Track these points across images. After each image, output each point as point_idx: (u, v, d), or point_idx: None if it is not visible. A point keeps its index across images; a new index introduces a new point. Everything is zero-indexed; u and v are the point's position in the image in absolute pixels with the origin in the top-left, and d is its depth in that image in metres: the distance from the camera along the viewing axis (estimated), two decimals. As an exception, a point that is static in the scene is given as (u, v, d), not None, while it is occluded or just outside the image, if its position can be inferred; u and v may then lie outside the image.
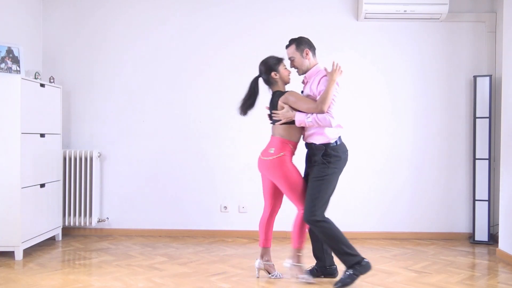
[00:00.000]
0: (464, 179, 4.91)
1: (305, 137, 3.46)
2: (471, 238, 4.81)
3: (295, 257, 3.44)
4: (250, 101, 3.53)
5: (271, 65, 3.46)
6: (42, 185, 4.35)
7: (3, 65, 4.07)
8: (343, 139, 3.45)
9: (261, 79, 3.53)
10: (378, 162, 4.93)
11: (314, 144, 3.37)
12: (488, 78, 4.69)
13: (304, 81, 3.54)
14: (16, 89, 3.96)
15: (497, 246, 4.28)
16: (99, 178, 4.98)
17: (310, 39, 3.50)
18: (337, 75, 3.29)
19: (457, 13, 4.85)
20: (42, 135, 4.35)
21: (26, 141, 4.08)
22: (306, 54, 3.43)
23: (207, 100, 4.99)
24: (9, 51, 4.12)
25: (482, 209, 4.70)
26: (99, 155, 4.95)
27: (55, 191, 4.60)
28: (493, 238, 4.71)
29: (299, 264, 3.44)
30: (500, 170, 4.28)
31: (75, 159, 4.89)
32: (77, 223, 4.89)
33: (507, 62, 4.19)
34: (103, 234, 5.00)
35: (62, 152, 4.80)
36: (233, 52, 4.97)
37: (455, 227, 4.93)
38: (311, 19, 4.91)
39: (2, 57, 4.07)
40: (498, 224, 4.34)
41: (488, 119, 4.68)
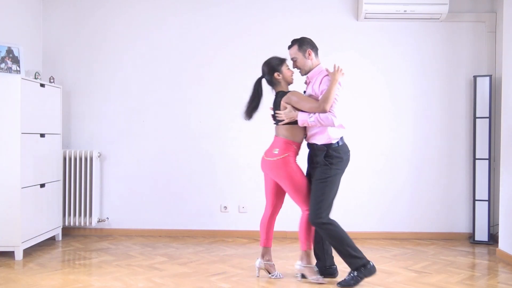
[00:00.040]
0: (464, 179, 4.92)
1: (307, 137, 3.46)
2: (471, 238, 4.81)
3: (304, 258, 3.43)
4: (254, 103, 3.51)
5: (274, 65, 3.45)
6: (42, 185, 4.35)
7: (3, 65, 4.07)
8: (345, 139, 3.45)
9: (264, 80, 3.53)
10: (378, 162, 4.93)
11: (316, 144, 3.37)
12: (488, 78, 4.69)
13: (306, 81, 3.54)
14: (16, 89, 3.97)
15: (497, 246, 4.28)
16: (99, 178, 4.98)
17: (312, 39, 3.50)
18: (339, 75, 3.29)
19: (457, 13, 4.85)
20: (42, 135, 4.35)
21: (26, 141, 4.08)
22: (309, 55, 3.43)
23: (207, 100, 4.99)
24: (9, 51, 4.12)
25: (482, 209, 4.70)
26: (99, 155, 4.95)
27: (55, 191, 4.60)
28: (493, 238, 4.71)
29: (309, 266, 3.43)
30: (500, 170, 4.28)
31: (75, 159, 4.89)
32: (77, 223, 4.89)
33: (507, 62, 4.19)
34: (103, 234, 5.00)
35: (62, 152, 4.80)
36: (233, 52, 4.97)
37: (455, 227, 4.93)
38: (311, 19, 4.90)
39: (2, 57, 4.07)
40: (498, 224, 4.34)
41: (488, 119, 4.68)
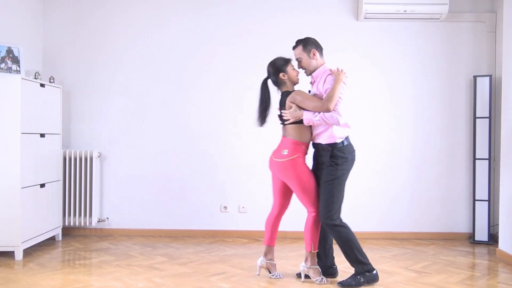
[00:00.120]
0: (464, 179, 4.92)
1: (312, 137, 3.45)
2: (471, 238, 4.81)
3: (309, 259, 3.43)
4: (264, 105, 3.51)
5: (279, 66, 3.45)
6: (42, 185, 4.35)
7: (3, 65, 4.07)
8: (350, 139, 3.44)
9: (270, 81, 3.53)
10: (378, 162, 4.93)
11: (321, 144, 3.37)
12: (488, 78, 4.69)
13: (311, 81, 3.54)
14: (16, 89, 3.96)
15: (497, 246, 4.28)
16: (99, 178, 4.98)
17: (316, 39, 3.49)
18: (342, 75, 3.29)
19: (457, 13, 4.85)
20: (42, 135, 4.35)
21: (26, 141, 4.08)
22: (313, 55, 3.42)
23: (207, 100, 4.99)
24: (9, 51, 4.12)
25: (482, 209, 4.70)
26: (99, 155, 4.95)
27: (55, 191, 4.60)
28: (493, 238, 4.71)
29: (314, 267, 3.43)
30: (500, 170, 4.28)
31: (75, 159, 4.89)
32: (77, 223, 4.89)
33: (507, 62, 4.19)
34: (103, 234, 5.00)
35: (62, 152, 4.80)
36: (233, 52, 4.96)
37: (455, 227, 4.93)
38: (311, 19, 4.90)
39: (2, 57, 4.07)
40: (498, 224, 4.34)
41: (488, 119, 4.68)
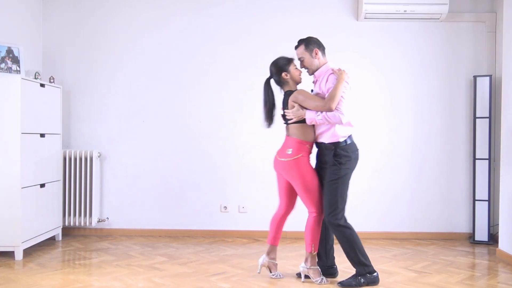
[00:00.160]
0: (464, 179, 4.91)
1: (315, 136, 3.45)
2: (471, 238, 4.81)
3: (309, 260, 3.43)
4: (269, 105, 3.51)
5: (281, 66, 3.45)
6: (42, 185, 4.35)
7: (3, 65, 4.07)
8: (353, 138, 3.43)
9: (272, 81, 3.53)
10: (378, 162, 4.93)
11: (324, 143, 3.36)
12: (488, 78, 4.69)
13: (314, 80, 3.54)
14: (16, 89, 3.96)
15: (497, 246, 4.28)
16: (99, 178, 4.98)
17: (318, 39, 3.49)
18: (344, 75, 3.29)
19: (457, 13, 4.85)
20: (42, 135, 4.35)
21: (26, 141, 4.08)
22: (316, 54, 3.42)
23: (207, 100, 4.99)
24: (9, 51, 4.12)
25: (482, 209, 4.70)
26: (99, 155, 4.95)
27: (55, 191, 4.60)
28: (493, 238, 4.71)
29: (314, 267, 3.43)
30: (500, 170, 4.28)
31: (75, 159, 4.89)
32: (77, 223, 4.89)
33: (507, 62, 4.19)
34: (103, 234, 5.00)
35: (62, 152, 4.80)
36: (233, 52, 4.96)
37: (455, 227, 4.93)
38: (311, 19, 4.90)
39: (2, 57, 4.07)
40: (498, 224, 4.34)
41: (488, 119, 4.68)
